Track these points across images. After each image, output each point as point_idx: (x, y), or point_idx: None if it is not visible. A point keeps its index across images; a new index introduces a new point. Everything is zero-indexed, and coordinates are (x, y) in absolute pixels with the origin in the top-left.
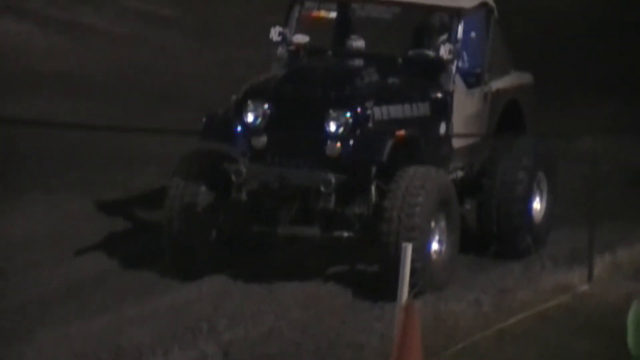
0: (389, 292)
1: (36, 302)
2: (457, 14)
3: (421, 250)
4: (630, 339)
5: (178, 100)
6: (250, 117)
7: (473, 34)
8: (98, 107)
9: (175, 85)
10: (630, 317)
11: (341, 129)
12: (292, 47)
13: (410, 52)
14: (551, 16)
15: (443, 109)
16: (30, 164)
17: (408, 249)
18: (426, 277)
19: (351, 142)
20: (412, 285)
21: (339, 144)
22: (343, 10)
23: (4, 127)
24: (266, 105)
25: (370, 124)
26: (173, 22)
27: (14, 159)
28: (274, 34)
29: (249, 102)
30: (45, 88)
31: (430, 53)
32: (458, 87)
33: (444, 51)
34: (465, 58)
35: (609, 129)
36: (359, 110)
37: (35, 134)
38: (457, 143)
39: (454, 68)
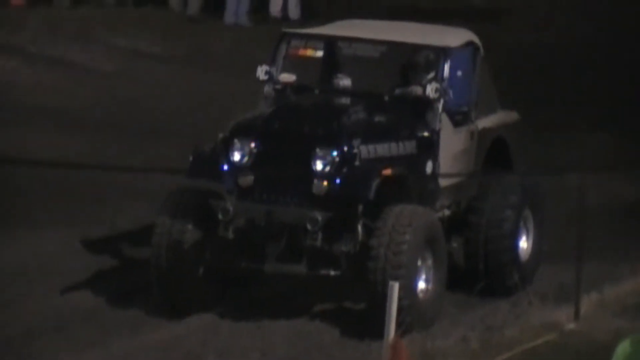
0: (376, 330)
1: (24, 336)
2: (443, 52)
3: (408, 288)
4: None
5: (166, 135)
6: (237, 155)
7: (459, 72)
8: (86, 142)
9: (164, 120)
10: (623, 351)
11: (328, 167)
12: (279, 86)
13: (397, 91)
14: (537, 53)
15: (430, 148)
16: (18, 199)
17: (395, 287)
18: (413, 314)
19: (338, 180)
20: (399, 323)
21: (325, 182)
22: (330, 48)
23: None
24: (253, 143)
25: (357, 162)
26: (160, 58)
27: (2, 193)
28: (261, 72)
29: (236, 140)
30: (33, 123)
31: (417, 91)
32: (445, 125)
33: (431, 90)
34: (452, 96)
35: (597, 164)
36: (345, 148)
37: (22, 170)
38: (444, 181)
39: (440, 106)
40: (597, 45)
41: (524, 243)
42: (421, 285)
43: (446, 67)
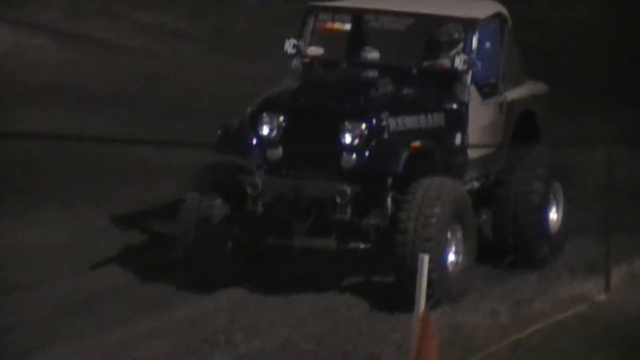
0: (406, 303)
1: (52, 315)
2: (471, 24)
3: (437, 261)
4: None
5: (192, 112)
6: (265, 130)
7: (487, 44)
8: (112, 119)
9: (189, 97)
10: None
11: (356, 141)
12: (307, 59)
13: (425, 63)
14: (565, 26)
15: (458, 120)
16: (46, 177)
17: (424, 260)
18: (442, 288)
19: (366, 153)
20: (428, 296)
21: (354, 156)
22: (357, 22)
23: (19, 141)
24: (281, 118)
25: (385, 135)
26: (185, 34)
27: (30, 172)
28: (289, 46)
29: (264, 114)
30: (60, 101)
31: (445, 63)
32: (473, 97)
33: (459, 62)
34: (480, 68)
35: (624, 139)
36: (374, 121)
37: (50, 146)
38: (472, 153)
39: (468, 78)
40: (630, 23)
41: (552, 215)
42: (450, 258)
43: (474, 39)
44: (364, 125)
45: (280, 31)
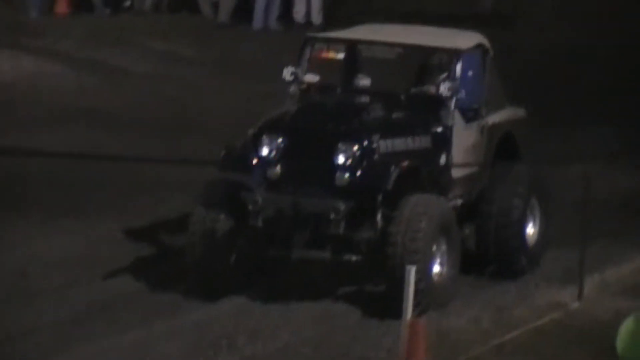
0: (395, 310)
1: (71, 319)
2: (455, 54)
3: (424, 271)
4: (619, 344)
5: (201, 131)
6: (265, 150)
7: (470, 72)
8: (127, 138)
9: (198, 117)
10: (627, 327)
11: (350, 160)
12: (304, 86)
13: (413, 89)
14: (545, 51)
15: (443, 142)
16: (66, 192)
17: (412, 271)
18: (429, 296)
19: (359, 172)
20: (416, 304)
21: (347, 174)
22: (350, 51)
23: (42, 159)
24: (280, 139)
25: (376, 156)
26: (194, 60)
27: (51, 188)
28: (287, 73)
29: (264, 136)
30: (79, 122)
31: (431, 90)
32: (457, 121)
33: (444, 88)
34: (464, 94)
35: (600, 155)
36: (365, 143)
37: (70, 164)
38: (456, 173)
39: (453, 104)
40: (597, 47)
41: (530, 229)
42: (436, 269)
43: (458, 68)
44: (356, 147)
45: (280, 57)
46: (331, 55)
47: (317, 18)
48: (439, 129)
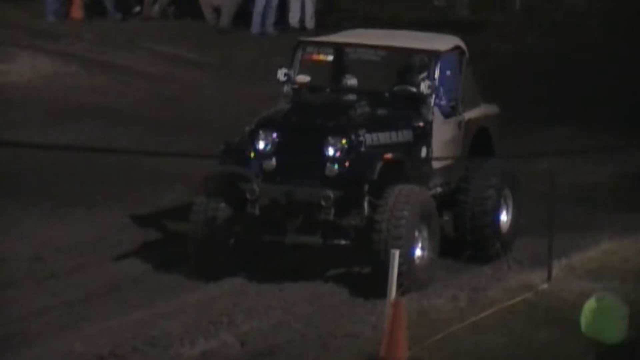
0: (380, 291)
1: (82, 299)
2: (434, 55)
3: (406, 255)
4: (583, 321)
5: (202, 128)
6: (261, 144)
7: (448, 72)
8: (135, 134)
9: (199, 115)
10: (590, 306)
11: (338, 153)
12: (296, 86)
13: (396, 88)
14: (517, 55)
15: (424, 136)
16: (77, 183)
17: (396, 254)
18: (411, 277)
19: (347, 163)
20: (399, 285)
21: (336, 166)
22: (339, 54)
23: (55, 153)
24: (275, 134)
25: (363, 149)
26: (196, 63)
27: (63, 179)
28: (280, 74)
29: (260, 131)
30: (91, 119)
31: (413, 89)
32: (436, 117)
33: (424, 87)
34: (442, 92)
35: (565, 151)
36: (353, 137)
37: (81, 157)
38: (436, 164)
39: (432, 101)
40: (559, 54)
41: (504, 217)
42: (417, 253)
43: (437, 68)
44: (344, 140)
45: (275, 60)
46: (321, 57)
47: (310, 23)
48: (420, 124)
